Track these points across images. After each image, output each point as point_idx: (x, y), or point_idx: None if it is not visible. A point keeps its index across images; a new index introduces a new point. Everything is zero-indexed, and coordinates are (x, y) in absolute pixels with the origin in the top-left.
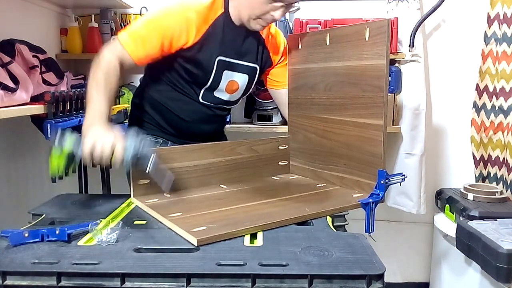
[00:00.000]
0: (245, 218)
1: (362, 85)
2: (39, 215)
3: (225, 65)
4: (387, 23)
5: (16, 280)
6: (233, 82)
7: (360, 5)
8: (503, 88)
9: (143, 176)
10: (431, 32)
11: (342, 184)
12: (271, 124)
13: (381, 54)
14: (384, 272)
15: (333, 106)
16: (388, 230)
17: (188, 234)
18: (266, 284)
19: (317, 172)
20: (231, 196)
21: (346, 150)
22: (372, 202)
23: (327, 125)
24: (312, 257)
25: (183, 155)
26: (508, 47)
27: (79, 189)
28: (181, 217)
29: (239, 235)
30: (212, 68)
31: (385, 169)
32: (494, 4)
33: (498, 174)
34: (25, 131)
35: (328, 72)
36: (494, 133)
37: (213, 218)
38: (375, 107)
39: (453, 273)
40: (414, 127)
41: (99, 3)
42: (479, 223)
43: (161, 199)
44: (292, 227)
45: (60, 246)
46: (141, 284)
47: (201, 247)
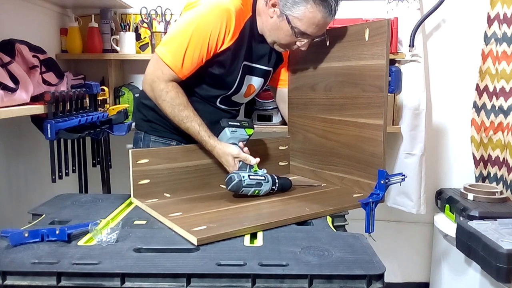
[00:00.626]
0: (245, 218)
1: (362, 85)
2: (39, 215)
3: (248, 70)
4: (387, 23)
5: (16, 280)
6: (251, 86)
7: (360, 5)
8: (503, 88)
9: (143, 176)
10: (431, 32)
11: (342, 184)
12: (271, 124)
13: (381, 54)
14: (384, 272)
15: (333, 106)
16: (388, 230)
17: (188, 234)
18: (266, 284)
19: (317, 172)
20: (231, 196)
21: (346, 150)
22: (372, 202)
23: (327, 125)
24: (312, 257)
25: (183, 155)
26: (508, 47)
27: (79, 189)
28: (181, 216)
29: (238, 234)
30: (238, 74)
31: (385, 169)
32: (494, 4)
33: (498, 174)
34: (25, 131)
35: (328, 72)
36: (494, 133)
37: (213, 218)
38: (375, 107)
39: (453, 273)
40: (414, 127)
41: (99, 3)
42: (479, 223)
43: (161, 199)
44: (292, 227)
45: (60, 246)
46: (141, 284)
47: (201, 247)
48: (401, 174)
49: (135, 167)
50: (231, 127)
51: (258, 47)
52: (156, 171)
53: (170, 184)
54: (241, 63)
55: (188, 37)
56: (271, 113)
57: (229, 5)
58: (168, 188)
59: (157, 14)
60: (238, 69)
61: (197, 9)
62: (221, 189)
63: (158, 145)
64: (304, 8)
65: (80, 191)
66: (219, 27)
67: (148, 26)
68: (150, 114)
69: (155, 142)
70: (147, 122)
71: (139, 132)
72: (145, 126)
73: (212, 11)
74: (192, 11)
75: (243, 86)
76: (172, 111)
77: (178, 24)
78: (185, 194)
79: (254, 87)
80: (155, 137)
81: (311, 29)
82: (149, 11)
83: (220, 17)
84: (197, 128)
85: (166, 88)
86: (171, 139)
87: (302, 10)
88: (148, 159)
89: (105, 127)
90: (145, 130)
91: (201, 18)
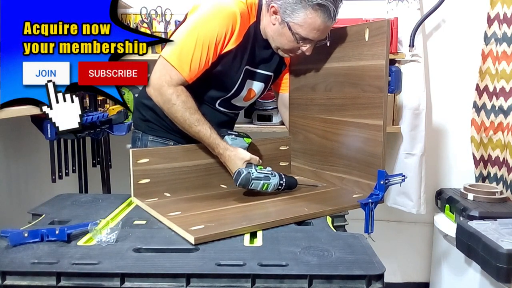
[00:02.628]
0: (243, 218)
1: (362, 86)
2: (39, 215)
3: (249, 74)
4: (387, 23)
5: (15, 280)
6: (251, 90)
7: (360, 5)
8: (503, 88)
9: (143, 175)
10: (431, 32)
11: (342, 184)
12: (271, 124)
13: (380, 54)
14: (384, 272)
15: (333, 107)
16: (388, 230)
17: (185, 233)
18: (265, 284)
19: (318, 173)
20: (232, 196)
21: (346, 150)
22: (371, 203)
23: (327, 126)
24: (312, 257)
25: (183, 155)
26: (508, 47)
27: (79, 189)
28: (180, 216)
29: (236, 234)
30: (239, 77)
31: (385, 170)
32: (494, 4)
33: (498, 174)
34: (25, 131)
35: (329, 72)
36: (494, 133)
37: (211, 217)
38: (375, 107)
39: (453, 273)
40: (414, 127)
41: None
42: (479, 223)
43: (161, 199)
44: (292, 227)
45: (60, 246)
46: (141, 284)
47: (200, 247)
48: (401, 174)
49: (136, 166)
50: (231, 135)
51: (261, 52)
52: (157, 171)
53: (170, 183)
54: (243, 67)
55: (195, 40)
56: (271, 113)
57: (235, 8)
58: (168, 187)
59: (157, 14)
60: (239, 73)
61: (202, 12)
62: (221, 189)
63: (156, 144)
64: (303, 15)
65: (80, 191)
66: (225, 29)
67: (148, 26)
68: (148, 113)
69: (153, 142)
70: (145, 122)
71: (137, 132)
72: (143, 125)
73: (218, 13)
74: (198, 14)
75: (244, 90)
76: (183, 115)
77: (184, 28)
78: (185, 193)
79: (254, 92)
80: (152, 137)
81: (312, 34)
82: (149, 11)
83: (226, 19)
84: (208, 131)
85: (176, 92)
86: (169, 139)
87: (302, 17)
88: (149, 159)
89: (105, 127)
90: (143, 129)
91: (207, 20)
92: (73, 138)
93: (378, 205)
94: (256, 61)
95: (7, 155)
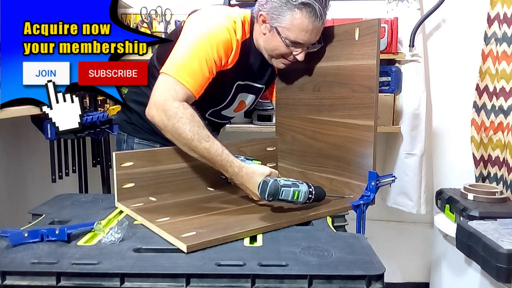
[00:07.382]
0: (235, 223)
1: (352, 86)
2: (39, 215)
3: (241, 88)
4: (377, 22)
5: (15, 280)
6: (242, 102)
7: (360, 5)
8: (503, 88)
9: (127, 179)
10: (431, 32)
11: (331, 185)
12: (271, 124)
13: (371, 54)
14: (384, 272)
15: (322, 107)
16: (388, 230)
17: (177, 241)
18: (265, 284)
19: (306, 174)
20: (219, 199)
21: (335, 151)
22: (363, 204)
23: (316, 126)
24: (312, 257)
25: (169, 157)
26: (508, 47)
27: (79, 189)
28: (169, 222)
29: (229, 240)
30: (230, 92)
31: (375, 171)
32: (494, 4)
33: (498, 174)
34: (25, 131)
35: (317, 72)
36: (494, 133)
37: (202, 222)
38: (365, 107)
39: (453, 273)
40: (414, 127)
41: None
42: (479, 223)
43: (146, 203)
44: (291, 227)
45: (60, 246)
46: (141, 284)
47: None
48: (391, 175)
49: (119, 170)
50: (239, 157)
51: (255, 66)
52: (141, 174)
53: (156, 187)
54: (236, 82)
55: (197, 59)
56: (271, 113)
57: (229, 26)
58: (154, 191)
59: (157, 14)
60: (232, 87)
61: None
62: (208, 192)
63: (142, 147)
64: (289, 17)
65: (80, 191)
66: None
67: (148, 26)
68: (134, 117)
69: (139, 144)
70: (130, 125)
71: (122, 134)
72: (128, 128)
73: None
74: (198, 28)
75: (235, 102)
76: (191, 129)
77: (184, 43)
78: (171, 197)
79: (245, 103)
80: (138, 139)
81: (301, 36)
82: (149, 11)
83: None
84: (220, 148)
85: (182, 106)
86: (155, 141)
87: (288, 19)
88: (133, 162)
89: (105, 127)
90: (128, 132)
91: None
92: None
93: (378, 205)
94: (249, 75)
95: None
